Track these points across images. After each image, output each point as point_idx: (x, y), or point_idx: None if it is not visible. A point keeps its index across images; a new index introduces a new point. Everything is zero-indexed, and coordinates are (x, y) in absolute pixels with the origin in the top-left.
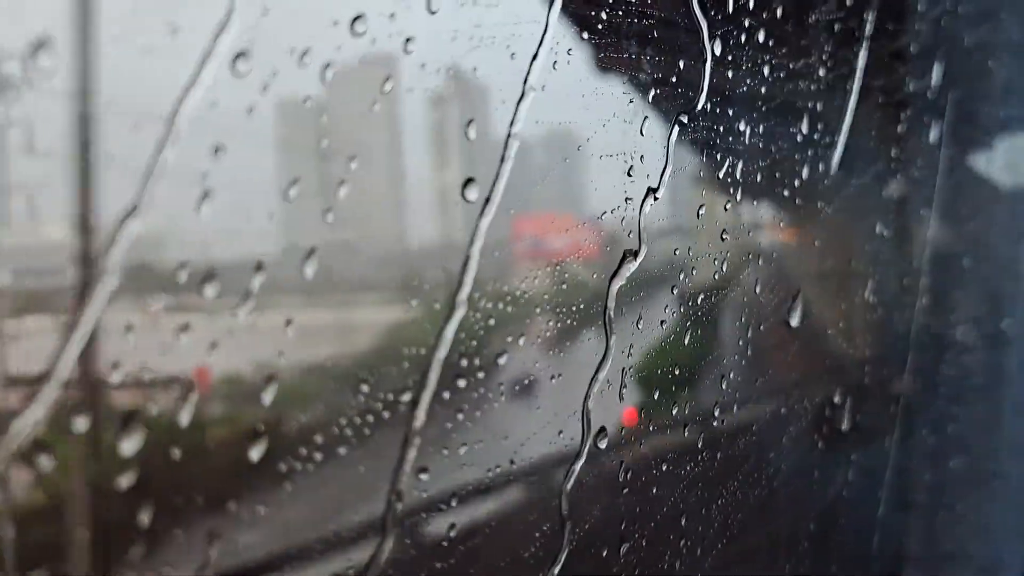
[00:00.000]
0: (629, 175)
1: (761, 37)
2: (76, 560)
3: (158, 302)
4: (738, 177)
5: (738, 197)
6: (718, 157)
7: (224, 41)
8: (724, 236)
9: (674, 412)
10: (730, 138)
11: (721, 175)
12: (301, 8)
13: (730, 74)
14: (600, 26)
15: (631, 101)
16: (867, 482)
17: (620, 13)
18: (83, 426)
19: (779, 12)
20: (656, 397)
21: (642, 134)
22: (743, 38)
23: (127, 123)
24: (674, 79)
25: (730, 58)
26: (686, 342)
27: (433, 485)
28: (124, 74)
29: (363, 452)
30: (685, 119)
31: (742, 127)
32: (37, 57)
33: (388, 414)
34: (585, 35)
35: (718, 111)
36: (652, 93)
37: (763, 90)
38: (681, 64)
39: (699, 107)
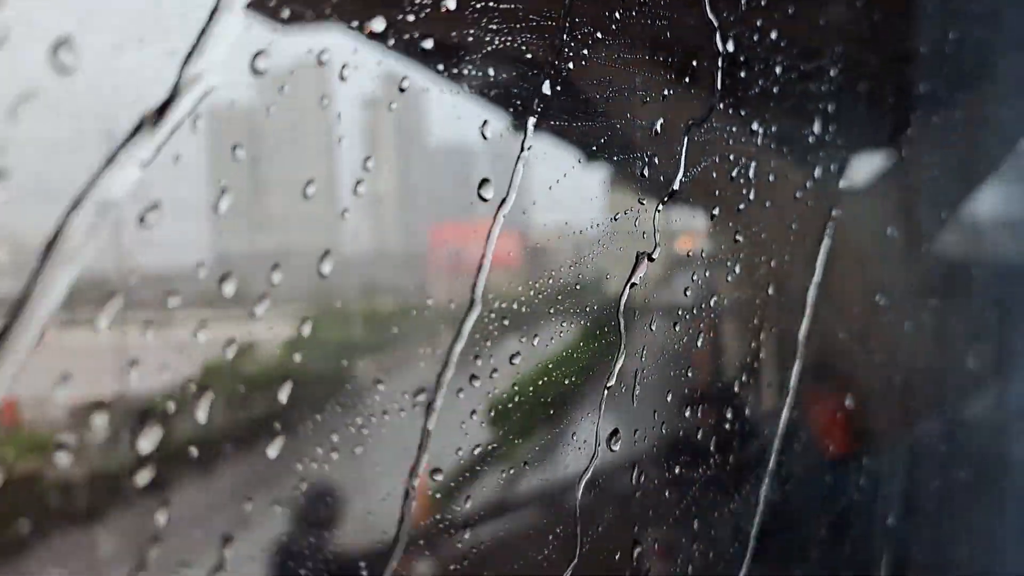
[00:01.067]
0: (643, 175)
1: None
2: None
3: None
4: (751, 177)
5: (751, 197)
6: (731, 158)
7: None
8: (737, 238)
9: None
10: (743, 139)
11: (734, 175)
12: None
13: (743, 74)
14: (614, 27)
15: (644, 102)
16: (876, 489)
17: (633, 14)
18: None
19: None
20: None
21: (656, 134)
22: (756, 37)
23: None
24: (687, 79)
25: (743, 58)
26: (699, 344)
27: (446, 486)
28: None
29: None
30: (699, 120)
31: (756, 127)
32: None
33: (404, 414)
34: (599, 35)
35: (731, 112)
36: (664, 93)
37: (775, 90)
38: (695, 64)
39: (713, 108)
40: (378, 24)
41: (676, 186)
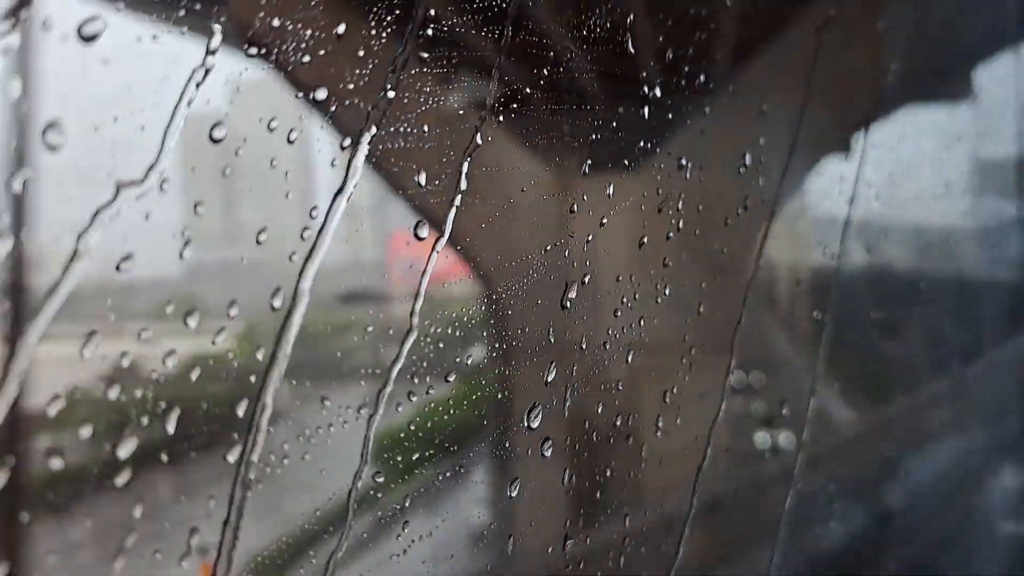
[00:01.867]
0: (571, 211)
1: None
2: None
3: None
4: (679, 208)
5: (679, 226)
6: (659, 192)
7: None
8: (667, 263)
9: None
10: (670, 174)
11: (661, 207)
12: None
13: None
14: (542, 81)
15: (575, 145)
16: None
17: (560, 70)
18: None
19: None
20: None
21: (585, 174)
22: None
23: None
24: (614, 124)
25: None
26: (629, 359)
27: (387, 487)
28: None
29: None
30: (626, 162)
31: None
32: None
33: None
34: (528, 90)
35: (659, 151)
36: (592, 137)
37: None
38: (621, 110)
39: (639, 147)
40: (321, 93)
41: (604, 221)
